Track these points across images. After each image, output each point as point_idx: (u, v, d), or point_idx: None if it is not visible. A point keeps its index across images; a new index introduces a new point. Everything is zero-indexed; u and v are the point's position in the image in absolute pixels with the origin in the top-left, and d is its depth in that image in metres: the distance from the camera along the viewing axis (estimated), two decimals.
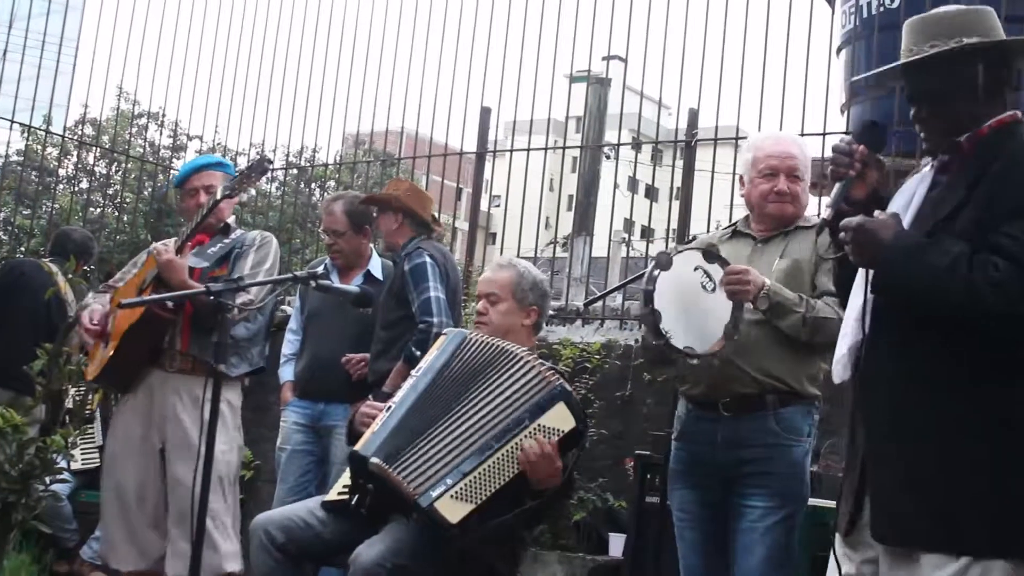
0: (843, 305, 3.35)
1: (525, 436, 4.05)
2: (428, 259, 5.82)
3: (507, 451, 4.05)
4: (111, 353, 5.13)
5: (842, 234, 2.95)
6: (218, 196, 5.04)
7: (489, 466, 4.03)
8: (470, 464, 4.03)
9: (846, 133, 3.23)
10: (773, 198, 4.40)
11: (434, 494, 3.98)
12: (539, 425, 4.08)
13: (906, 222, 3.01)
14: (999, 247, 2.79)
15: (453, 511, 3.96)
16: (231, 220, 5.45)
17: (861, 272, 3.06)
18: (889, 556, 2.94)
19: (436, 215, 6.43)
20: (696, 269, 4.18)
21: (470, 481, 4.00)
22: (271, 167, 4.87)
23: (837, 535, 3.19)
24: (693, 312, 4.16)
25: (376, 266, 6.50)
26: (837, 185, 3.15)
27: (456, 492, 3.98)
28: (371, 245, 6.61)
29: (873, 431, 2.99)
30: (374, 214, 6.31)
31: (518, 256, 9.07)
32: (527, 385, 4.16)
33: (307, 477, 6.30)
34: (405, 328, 5.77)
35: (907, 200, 3.08)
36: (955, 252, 2.81)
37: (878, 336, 3.00)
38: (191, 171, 5.49)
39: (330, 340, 6.27)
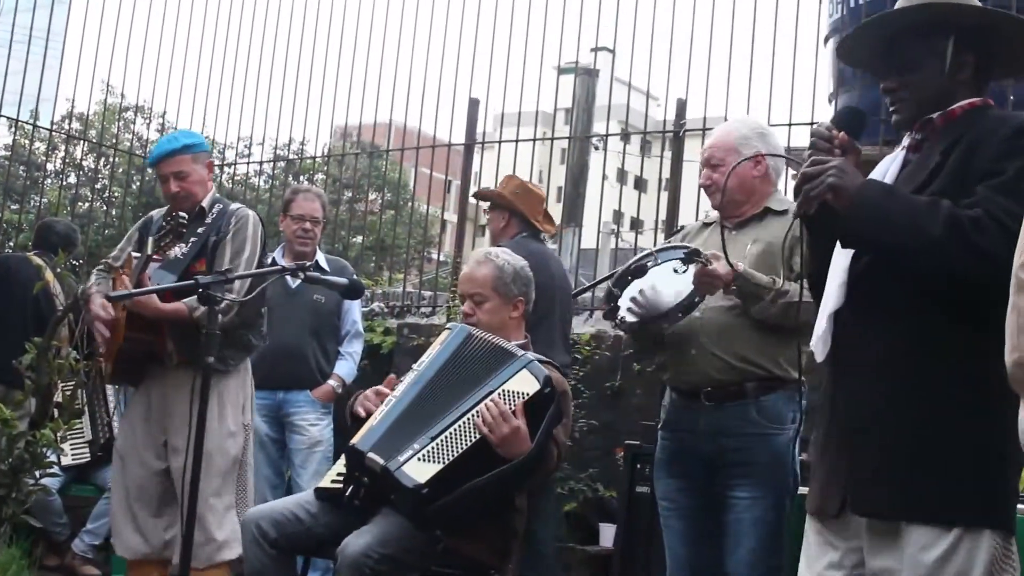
0: (811, 278, 3.32)
1: (488, 400, 4.15)
2: None
3: (471, 415, 4.15)
4: (114, 352, 5.15)
5: (810, 169, 2.93)
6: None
7: (455, 429, 4.13)
8: (437, 429, 4.13)
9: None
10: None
11: (402, 458, 4.07)
12: (503, 390, 4.18)
13: None
14: (967, 207, 2.81)
15: (420, 472, 4.03)
16: (207, 200, 5.37)
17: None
18: (873, 536, 2.91)
19: (548, 212, 6.41)
20: (673, 260, 4.18)
21: (436, 444, 4.09)
22: (184, 220, 4.88)
23: (810, 519, 3.14)
24: (655, 288, 4.18)
25: (322, 258, 6.64)
26: None
27: (423, 455, 4.07)
28: None
29: (855, 404, 2.98)
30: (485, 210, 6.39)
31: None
32: (498, 363, 4.29)
33: (281, 465, 6.41)
34: None
35: (880, 180, 3.08)
36: (933, 197, 2.84)
37: (858, 306, 2.99)
38: (159, 157, 5.39)
39: (286, 328, 6.33)
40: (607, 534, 7.10)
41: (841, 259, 3.04)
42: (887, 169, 3.12)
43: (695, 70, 8.30)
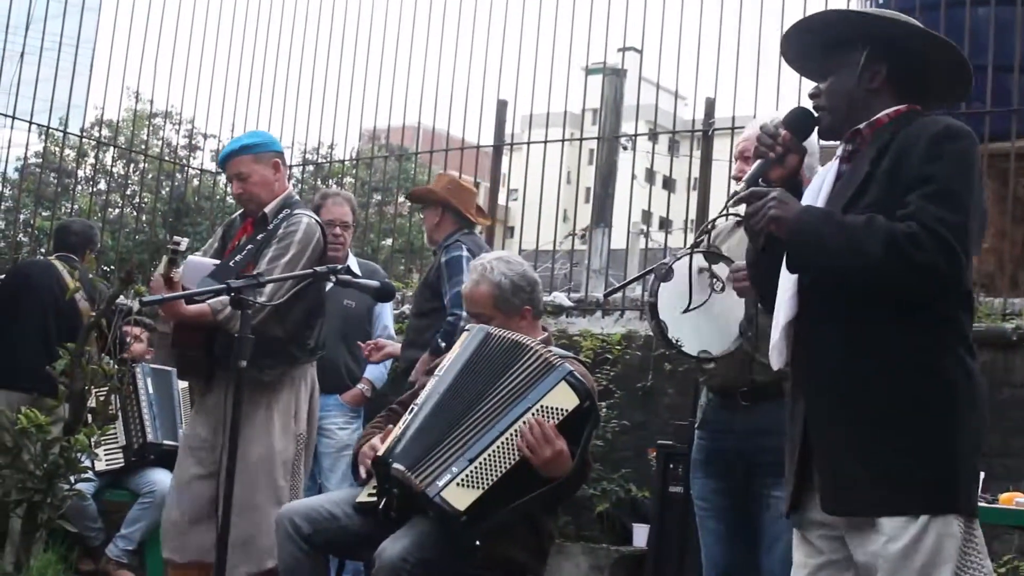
0: (756, 283, 3.44)
1: (527, 418, 4.07)
2: (465, 253, 5.88)
3: (510, 435, 4.07)
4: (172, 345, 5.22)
5: (752, 206, 3.06)
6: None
7: (493, 451, 4.05)
8: (475, 450, 4.06)
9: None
10: None
11: (440, 483, 4.01)
12: (541, 406, 4.09)
13: None
14: (901, 219, 2.88)
15: (459, 498, 3.99)
16: (273, 204, 5.36)
17: None
18: (852, 531, 2.97)
19: (480, 207, 6.46)
20: (701, 272, 4.15)
21: (476, 467, 4.02)
22: (180, 248, 4.90)
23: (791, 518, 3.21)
24: (705, 313, 4.13)
25: (353, 262, 6.62)
26: (757, 163, 3.26)
27: (462, 479, 4.01)
28: None
29: (816, 405, 3.05)
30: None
31: (537, 250, 9.08)
32: (533, 371, 4.18)
33: (314, 469, 6.42)
34: (436, 319, 5.86)
35: (815, 193, 3.18)
36: (867, 214, 2.91)
37: (810, 315, 3.07)
38: (222, 159, 5.49)
39: None
40: (640, 535, 7.10)
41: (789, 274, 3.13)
42: (823, 181, 3.21)
43: (723, 69, 8.29)
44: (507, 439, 4.07)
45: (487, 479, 4.02)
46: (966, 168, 2.94)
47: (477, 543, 4.08)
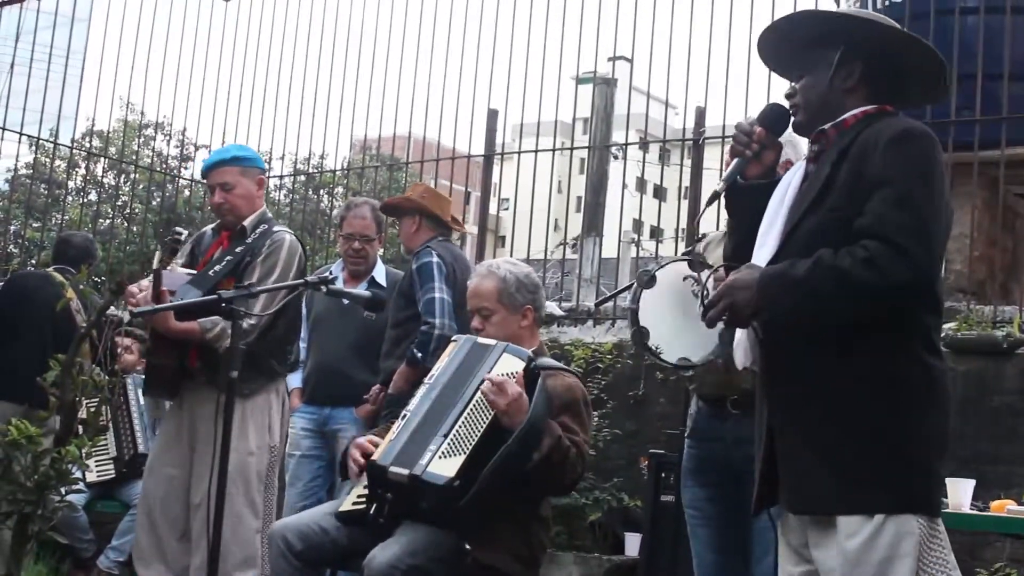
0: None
1: (484, 386, 4.19)
2: (435, 259, 5.86)
3: (476, 402, 4.19)
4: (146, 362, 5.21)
5: (714, 311, 3.05)
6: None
7: (464, 420, 4.16)
8: (447, 426, 4.16)
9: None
10: None
11: (423, 461, 4.08)
12: (494, 375, 4.23)
13: (782, 215, 3.11)
14: (861, 229, 2.86)
15: (446, 467, 4.05)
16: (251, 218, 5.37)
17: (759, 234, 3.14)
18: (814, 530, 2.97)
19: (457, 216, 6.46)
20: (685, 279, 4.15)
21: (452, 438, 4.12)
22: (180, 237, 4.92)
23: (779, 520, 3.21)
24: (688, 321, 4.12)
25: (380, 272, 6.55)
26: (735, 161, 3.26)
27: (443, 452, 4.09)
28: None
29: (777, 404, 3.07)
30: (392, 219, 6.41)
31: (528, 259, 9.08)
32: (477, 355, 4.37)
33: (317, 482, 6.38)
34: (412, 327, 5.83)
35: (782, 194, 3.16)
36: (812, 259, 2.87)
37: None
38: (208, 167, 5.47)
39: (334, 345, 6.30)
40: (632, 543, 7.09)
41: (758, 263, 3.10)
42: (790, 182, 3.18)
43: (713, 77, 8.30)
44: (474, 406, 4.19)
45: (467, 444, 4.11)
46: (926, 169, 2.91)
47: (468, 547, 4.11)
